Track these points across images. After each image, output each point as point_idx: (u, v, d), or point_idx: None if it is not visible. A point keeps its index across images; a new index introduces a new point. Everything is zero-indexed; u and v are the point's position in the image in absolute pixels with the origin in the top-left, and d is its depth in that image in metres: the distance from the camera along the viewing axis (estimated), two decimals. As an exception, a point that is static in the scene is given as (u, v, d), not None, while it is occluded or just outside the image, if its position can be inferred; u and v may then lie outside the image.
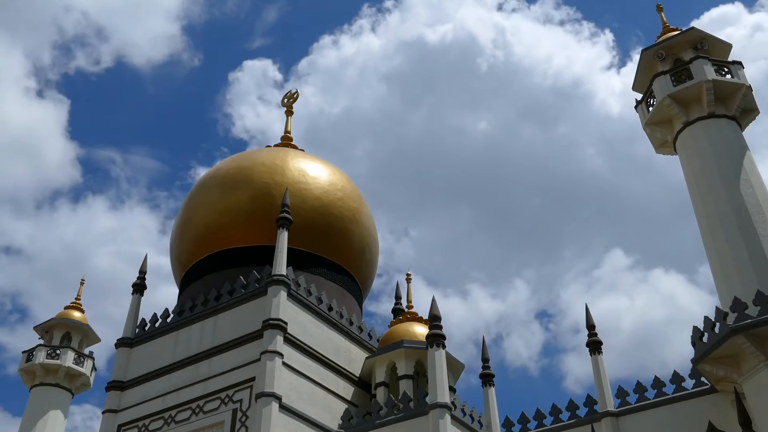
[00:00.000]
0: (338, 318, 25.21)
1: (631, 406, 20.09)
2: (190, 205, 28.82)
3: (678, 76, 23.61)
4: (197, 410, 22.53)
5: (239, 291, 24.27)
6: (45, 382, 36.00)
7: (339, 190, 28.48)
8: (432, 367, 21.21)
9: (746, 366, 17.31)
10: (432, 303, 22.53)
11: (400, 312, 28.94)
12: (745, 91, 23.21)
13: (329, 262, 27.36)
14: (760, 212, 20.61)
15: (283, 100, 34.60)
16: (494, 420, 24.20)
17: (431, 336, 21.85)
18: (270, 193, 26.85)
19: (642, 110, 24.93)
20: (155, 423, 23.22)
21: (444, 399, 20.47)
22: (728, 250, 20.32)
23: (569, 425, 20.95)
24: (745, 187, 21.21)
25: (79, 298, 39.47)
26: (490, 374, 25.51)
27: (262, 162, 28.41)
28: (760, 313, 17.12)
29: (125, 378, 24.96)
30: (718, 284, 20.38)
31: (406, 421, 21.03)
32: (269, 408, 20.64)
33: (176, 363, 23.99)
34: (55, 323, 37.40)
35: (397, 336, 25.08)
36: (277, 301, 22.64)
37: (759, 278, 19.09)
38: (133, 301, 26.99)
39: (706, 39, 24.70)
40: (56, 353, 36.22)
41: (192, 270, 27.79)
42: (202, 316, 24.50)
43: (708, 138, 22.59)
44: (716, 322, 17.99)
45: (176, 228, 29.28)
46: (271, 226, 25.23)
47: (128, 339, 25.86)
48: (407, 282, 29.32)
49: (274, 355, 21.56)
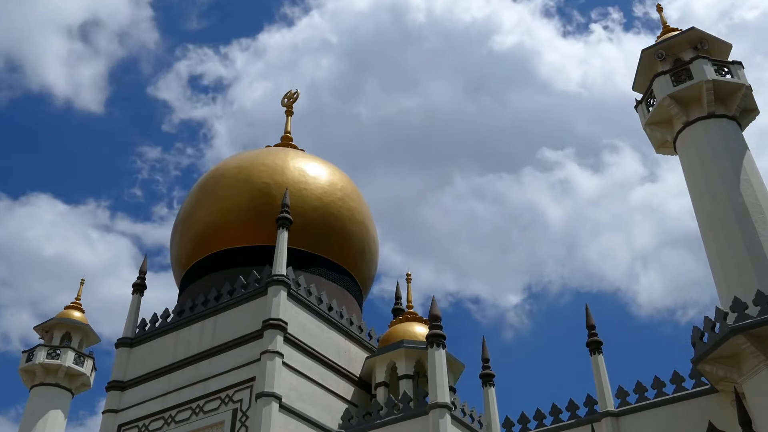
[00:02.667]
0: (338, 318, 25.22)
1: (631, 406, 20.08)
2: (190, 205, 28.82)
3: (678, 76, 23.62)
4: (197, 410, 22.53)
5: (239, 291, 24.28)
6: (45, 382, 36.04)
7: (339, 190, 28.49)
8: (432, 367, 21.22)
9: (746, 366, 17.31)
10: (432, 303, 22.56)
11: (400, 312, 28.95)
12: (745, 91, 23.22)
13: (329, 262, 27.36)
14: (760, 212, 20.62)
15: (283, 100, 34.54)
16: (494, 420, 24.21)
17: (431, 336, 21.86)
18: (270, 193, 26.85)
19: (642, 110, 24.94)
20: (155, 423, 23.22)
21: (444, 399, 20.48)
22: (728, 250, 20.32)
23: (569, 425, 20.95)
24: (745, 187, 21.22)
25: (79, 298, 39.51)
26: (490, 374, 25.52)
27: (262, 162, 28.41)
28: (760, 313, 17.13)
29: (125, 378, 24.95)
30: (718, 284, 20.38)
31: (406, 421, 21.03)
32: (269, 408, 20.65)
33: (176, 363, 23.99)
34: (55, 323, 37.43)
35: (397, 336, 25.09)
36: (277, 301, 22.64)
37: (759, 278, 19.10)
38: (133, 301, 26.98)
39: (706, 39, 24.71)
40: (56, 353, 36.24)
41: (192, 270, 27.79)
42: (202, 316, 24.50)
43: (708, 138, 22.60)
44: (716, 322, 17.99)
45: (176, 228, 29.28)
46: (271, 226, 25.24)
47: (128, 339, 25.86)
48: (407, 282, 29.34)
49: (274, 355, 21.56)
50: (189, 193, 29.84)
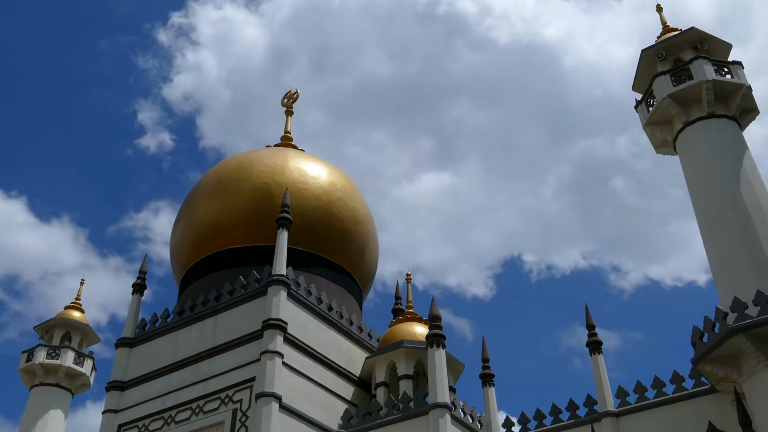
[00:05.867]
0: (338, 318, 25.21)
1: (631, 406, 20.07)
2: (191, 205, 28.81)
3: (678, 76, 23.63)
4: (197, 410, 22.52)
5: (239, 291, 24.27)
6: (45, 382, 36.01)
7: (339, 190, 28.48)
8: (432, 367, 21.22)
9: (746, 366, 17.31)
10: (432, 303, 22.57)
11: (400, 312, 28.93)
12: (745, 91, 23.22)
13: (329, 262, 27.36)
14: (760, 212, 20.61)
15: (283, 100, 34.49)
16: (494, 420, 24.21)
17: (431, 336, 21.86)
18: (270, 193, 26.85)
19: (642, 110, 24.93)
20: (155, 423, 23.21)
21: (444, 399, 20.48)
22: (728, 250, 20.32)
23: (569, 425, 20.93)
24: (745, 187, 21.22)
25: (79, 298, 39.48)
26: (490, 374, 25.52)
27: (262, 162, 28.41)
28: (760, 313, 17.12)
29: (125, 378, 24.94)
30: (718, 284, 20.38)
31: (406, 421, 21.03)
32: (269, 408, 20.64)
33: (176, 363, 23.98)
34: (55, 323, 37.39)
35: (397, 336, 25.07)
36: (277, 301, 22.63)
37: (759, 278, 19.10)
38: (133, 301, 26.96)
39: (706, 39, 24.71)
40: (56, 353, 36.22)
41: (192, 270, 27.79)
42: (202, 316, 24.49)
43: (708, 138, 22.61)
44: (716, 322, 17.98)
45: (176, 228, 29.27)
46: (271, 226, 25.23)
47: (128, 339, 25.84)
48: (407, 282, 29.33)
49: (274, 355, 21.55)
50: (189, 193, 29.83)
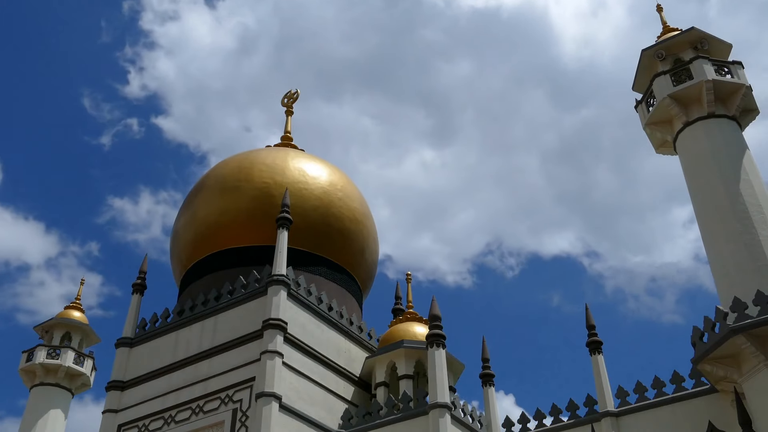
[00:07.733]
0: (338, 318, 25.21)
1: (631, 406, 20.06)
2: (191, 205, 28.80)
3: (678, 76, 23.60)
4: (197, 410, 22.53)
5: (239, 291, 24.27)
6: (45, 382, 36.01)
7: (339, 190, 28.48)
8: (432, 367, 21.22)
9: (746, 366, 17.30)
10: (432, 303, 22.57)
11: (400, 312, 28.93)
12: (745, 91, 23.20)
13: (329, 262, 27.36)
14: (760, 212, 20.61)
15: (283, 100, 34.47)
16: (494, 420, 24.20)
17: (431, 336, 21.86)
18: (270, 193, 26.85)
19: (642, 110, 24.92)
20: (155, 423, 23.22)
21: (444, 399, 20.48)
22: (728, 250, 20.31)
23: (569, 425, 20.92)
24: (745, 187, 21.20)
25: (79, 297, 39.49)
26: (490, 374, 25.50)
27: (263, 162, 28.40)
28: (760, 313, 17.12)
29: (125, 378, 24.95)
30: (718, 284, 20.37)
31: (406, 421, 21.03)
32: (269, 408, 20.65)
33: (176, 363, 23.99)
34: (55, 323, 37.39)
35: (397, 336, 25.07)
36: (277, 301, 22.64)
37: (759, 278, 19.08)
38: (133, 301, 26.97)
39: (706, 39, 24.68)
40: (56, 353, 36.22)
41: (192, 270, 27.79)
42: (202, 316, 24.50)
43: (708, 138, 22.59)
44: (716, 322, 17.98)
45: (176, 228, 29.27)
46: (271, 225, 25.23)
47: (128, 339, 25.85)
48: (407, 282, 29.32)
49: (274, 355, 21.56)
50: (189, 192, 29.83)
